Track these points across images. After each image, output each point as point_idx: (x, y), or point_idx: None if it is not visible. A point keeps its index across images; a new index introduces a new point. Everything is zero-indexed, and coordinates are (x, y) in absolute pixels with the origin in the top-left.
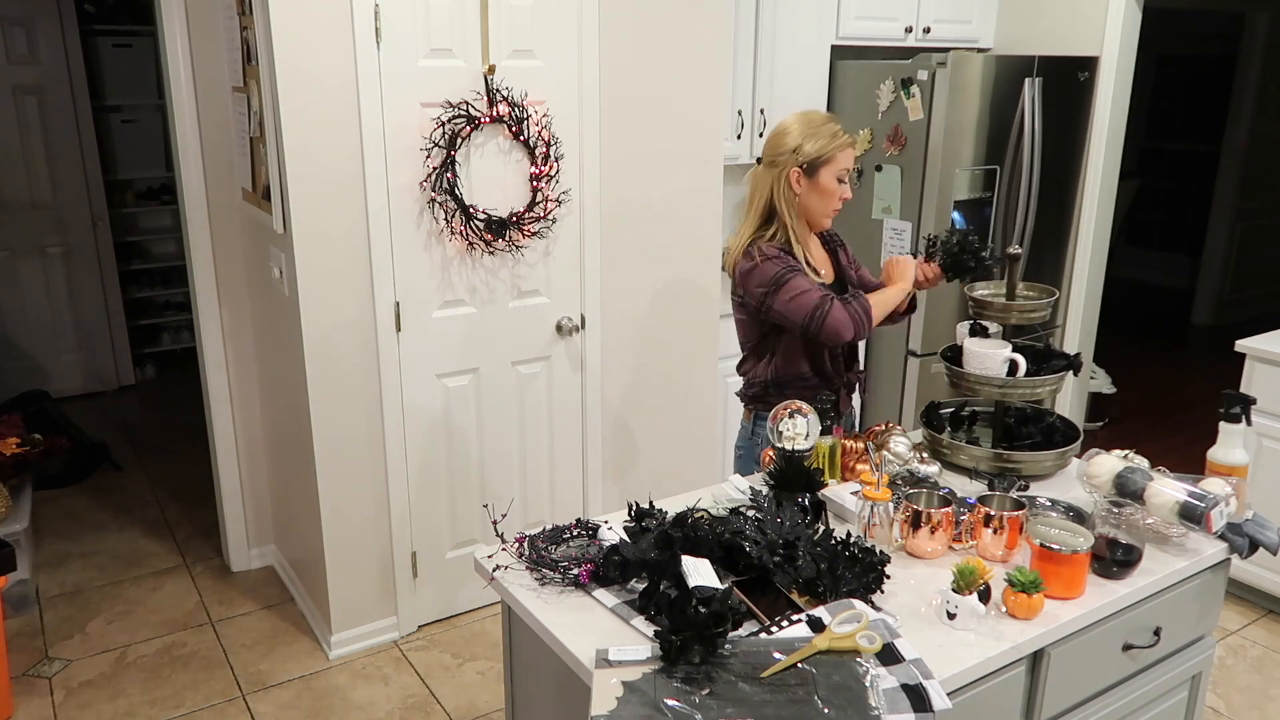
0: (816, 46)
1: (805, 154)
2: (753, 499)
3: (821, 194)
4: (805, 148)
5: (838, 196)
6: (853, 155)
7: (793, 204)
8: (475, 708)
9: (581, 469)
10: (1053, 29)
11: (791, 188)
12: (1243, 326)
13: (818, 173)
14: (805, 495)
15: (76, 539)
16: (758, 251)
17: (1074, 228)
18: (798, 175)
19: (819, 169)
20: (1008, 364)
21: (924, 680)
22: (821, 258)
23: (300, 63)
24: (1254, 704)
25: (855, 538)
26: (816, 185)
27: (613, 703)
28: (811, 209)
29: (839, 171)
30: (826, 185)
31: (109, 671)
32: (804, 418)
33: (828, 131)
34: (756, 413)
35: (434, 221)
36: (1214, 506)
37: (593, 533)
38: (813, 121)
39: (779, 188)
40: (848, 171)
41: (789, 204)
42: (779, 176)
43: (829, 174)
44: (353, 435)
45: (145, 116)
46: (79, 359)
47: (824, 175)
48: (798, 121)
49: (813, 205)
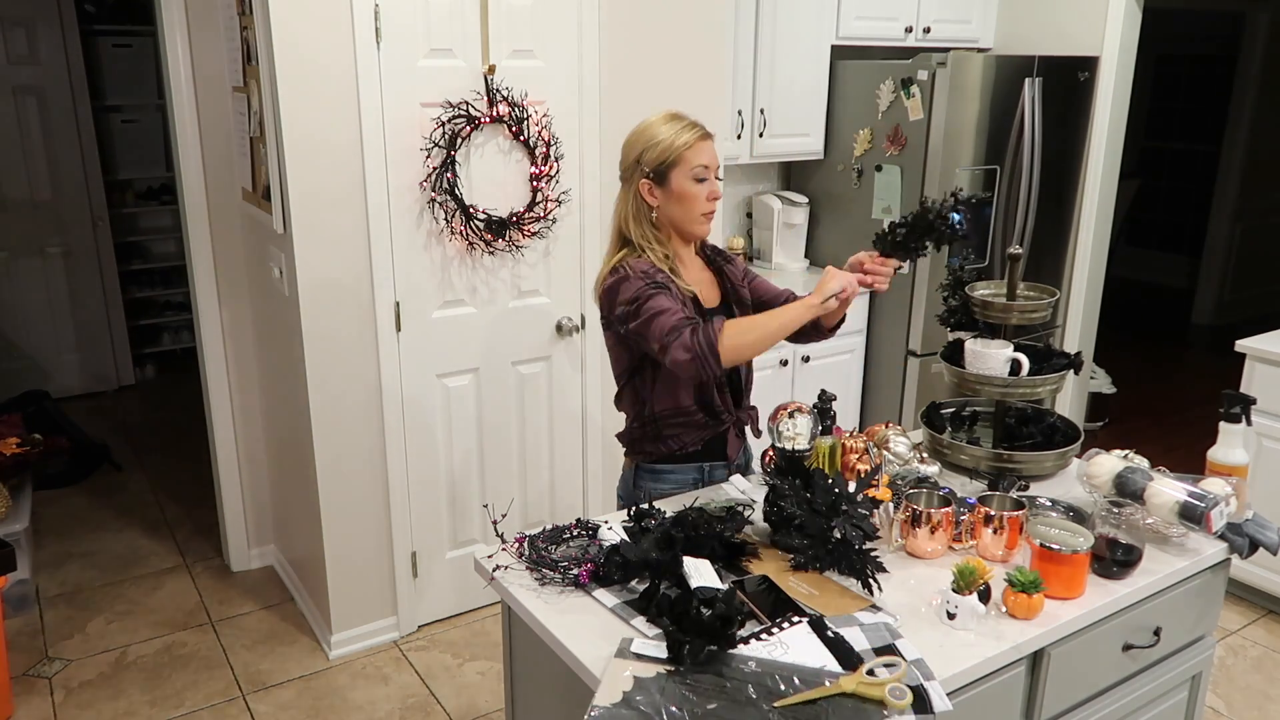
0: (816, 46)
1: (649, 162)
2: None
3: (680, 200)
4: (647, 155)
5: (702, 198)
6: (707, 149)
7: (650, 219)
8: (475, 708)
9: (581, 469)
10: (1053, 29)
11: (646, 202)
12: (1243, 326)
13: (668, 179)
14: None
15: (76, 539)
16: (625, 267)
17: (1074, 228)
18: (649, 187)
19: (668, 174)
20: (1010, 363)
21: (925, 681)
22: (703, 279)
23: (300, 62)
24: (1254, 704)
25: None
26: (671, 192)
27: (617, 695)
28: (677, 219)
29: (693, 170)
30: (682, 189)
31: (109, 671)
32: (804, 417)
33: (669, 131)
34: (639, 463)
35: (434, 221)
36: (1214, 506)
37: (593, 533)
38: (652, 125)
39: (635, 205)
40: (706, 168)
41: (648, 221)
42: (631, 194)
43: (681, 177)
44: (353, 435)
45: (145, 116)
46: (79, 359)
47: (676, 179)
48: (639, 130)
49: (676, 215)
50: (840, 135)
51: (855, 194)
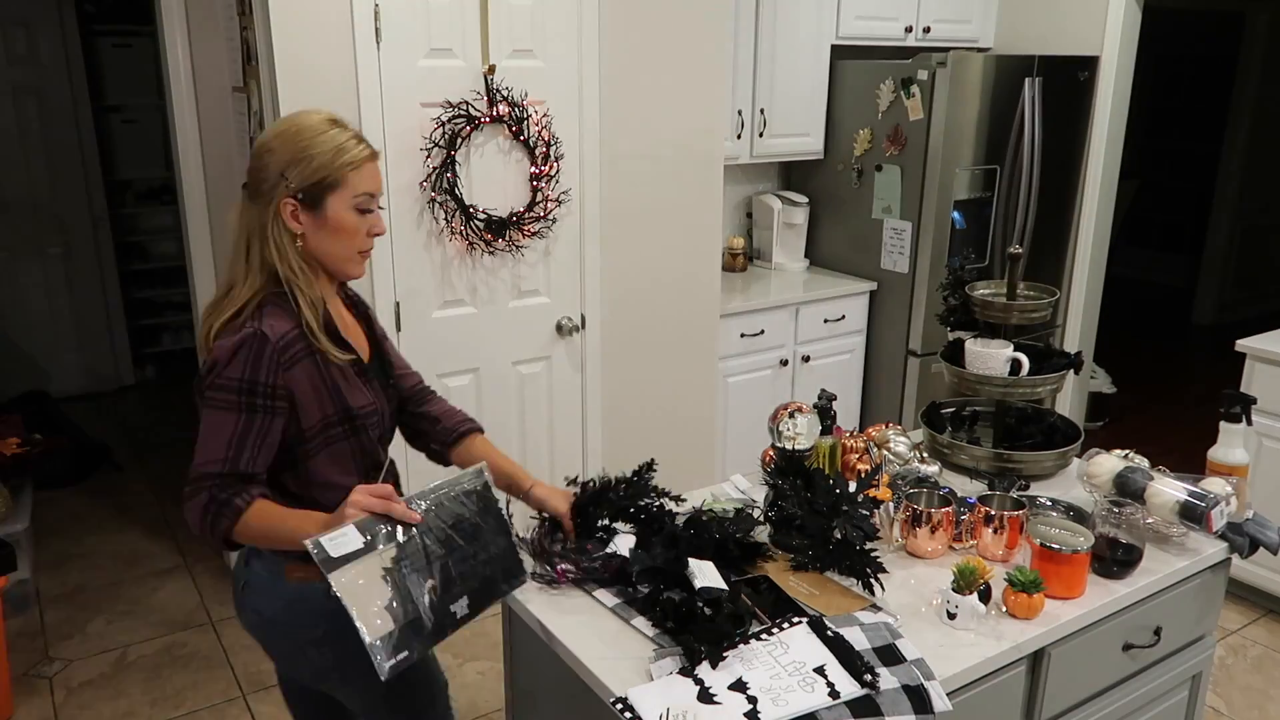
0: (816, 46)
1: (299, 178)
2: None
3: (335, 233)
4: (297, 170)
5: (363, 233)
6: (374, 173)
7: (291, 250)
8: (475, 708)
9: (582, 469)
10: (1053, 29)
11: (287, 228)
12: (1243, 326)
13: (323, 203)
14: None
15: (76, 539)
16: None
17: (1074, 228)
18: (293, 209)
19: (323, 198)
20: (1010, 363)
21: (925, 681)
22: (351, 326)
23: (300, 63)
24: (1254, 704)
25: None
26: (325, 221)
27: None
28: (327, 254)
29: (357, 199)
30: (340, 221)
31: (109, 671)
32: (804, 417)
33: (331, 141)
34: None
35: (434, 221)
36: (1214, 506)
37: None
38: (304, 130)
39: (272, 230)
40: (372, 196)
41: (296, 252)
42: (269, 214)
43: (341, 205)
44: None
45: (145, 116)
46: (79, 359)
47: (334, 206)
48: (286, 133)
49: (327, 249)
50: (840, 135)
51: (855, 194)
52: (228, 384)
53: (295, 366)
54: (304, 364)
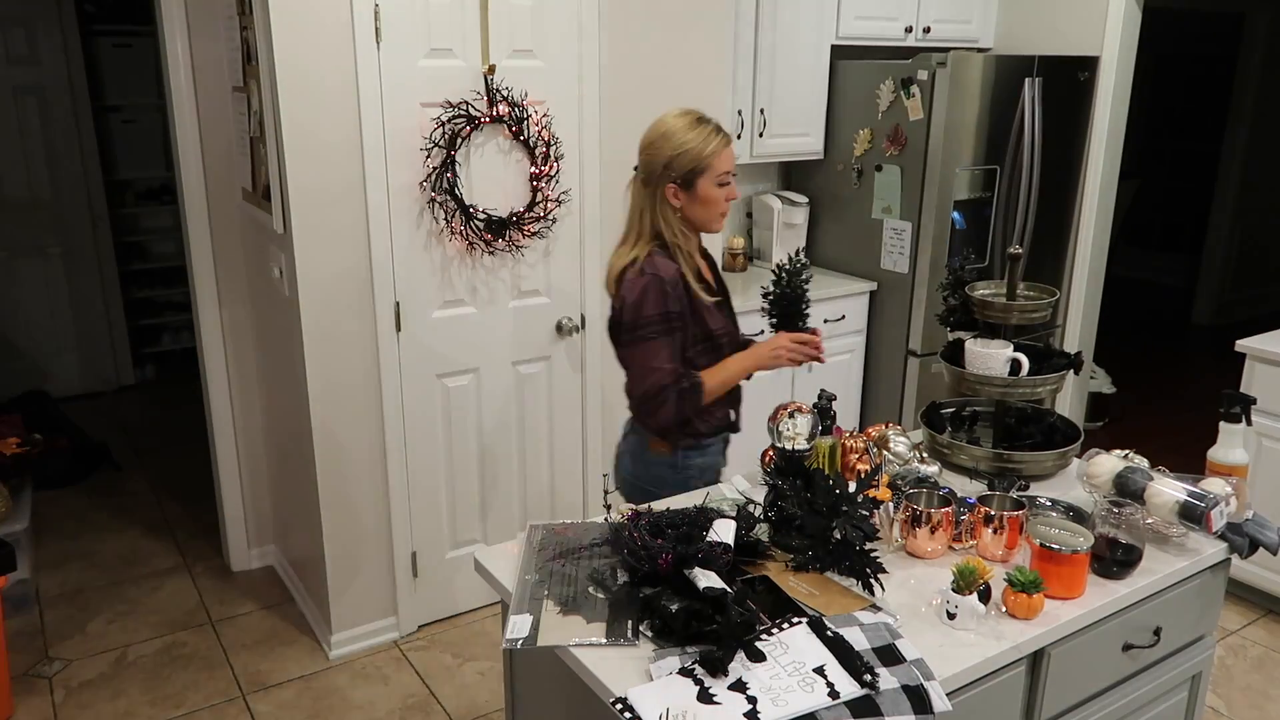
0: (816, 46)
1: (677, 168)
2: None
3: (704, 203)
4: (676, 162)
5: (723, 200)
6: (730, 155)
7: (674, 219)
8: (475, 708)
9: (582, 469)
10: (1053, 29)
11: (670, 204)
12: (1243, 326)
13: (695, 184)
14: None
15: (76, 539)
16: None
17: (1074, 228)
18: (674, 191)
19: (695, 180)
20: (1010, 363)
21: (925, 681)
22: (705, 269)
23: (300, 63)
24: (1254, 704)
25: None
26: (696, 196)
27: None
28: (698, 219)
29: (719, 177)
30: (707, 194)
31: (109, 671)
32: (804, 417)
33: (696, 138)
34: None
35: (434, 221)
36: (1214, 506)
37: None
38: (677, 130)
39: (658, 206)
40: (730, 174)
41: (670, 220)
42: (656, 195)
43: (708, 184)
44: (353, 435)
45: (145, 116)
46: (79, 359)
47: (703, 186)
48: (663, 133)
49: (698, 215)
50: (840, 135)
51: (855, 194)
52: (652, 319)
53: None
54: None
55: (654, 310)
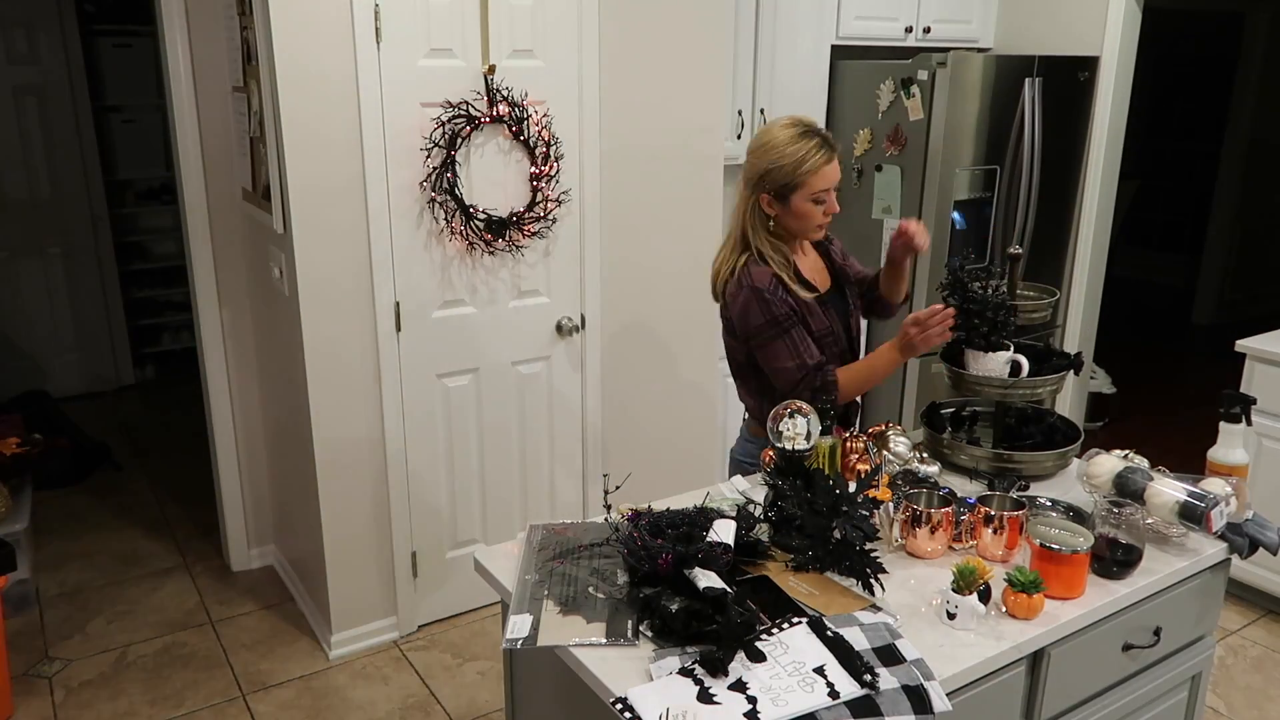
0: (816, 46)
1: (771, 181)
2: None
3: (798, 217)
4: (772, 175)
5: (819, 215)
6: (830, 173)
7: (768, 227)
8: (475, 708)
9: (581, 469)
10: (1053, 29)
11: (764, 211)
12: (1243, 326)
13: (789, 199)
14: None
15: (76, 539)
16: (748, 279)
17: (1074, 228)
18: (768, 200)
19: (789, 195)
20: (1010, 364)
21: (925, 681)
22: (813, 265)
23: (300, 63)
24: (1254, 704)
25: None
26: (790, 210)
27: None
28: (792, 230)
29: (813, 194)
30: (800, 209)
31: (109, 671)
32: (804, 417)
33: (795, 155)
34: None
35: (434, 221)
36: (1214, 506)
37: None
38: (779, 141)
39: (755, 214)
40: (827, 191)
41: (765, 229)
42: (752, 203)
43: (801, 199)
44: (353, 435)
45: (145, 116)
46: (79, 359)
47: (796, 201)
48: (768, 142)
49: (793, 226)
50: (840, 135)
51: (855, 194)
52: (761, 328)
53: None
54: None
55: (760, 320)
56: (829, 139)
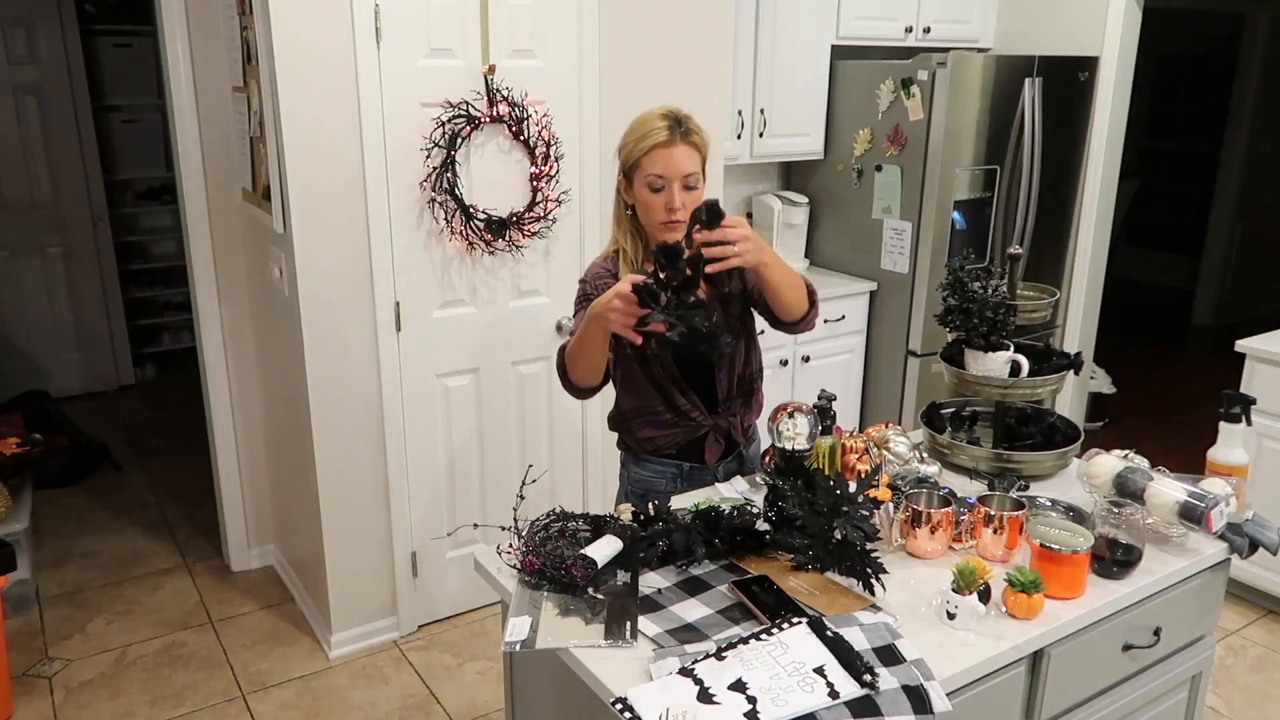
0: (816, 46)
1: (623, 161)
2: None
3: (642, 207)
4: (621, 153)
5: (659, 207)
6: (670, 158)
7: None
8: (475, 708)
9: (581, 469)
10: (1053, 29)
11: (623, 199)
12: (1243, 326)
13: (633, 182)
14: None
15: (76, 539)
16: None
17: (1074, 228)
18: (624, 186)
19: (633, 177)
20: (1010, 364)
21: (924, 681)
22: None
23: (300, 62)
24: (1254, 704)
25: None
26: (634, 196)
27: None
28: (644, 223)
29: (647, 179)
30: (641, 197)
31: (109, 671)
32: (804, 417)
33: (639, 130)
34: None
35: (434, 221)
36: (1214, 506)
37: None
38: (635, 121)
39: (616, 201)
40: (661, 177)
41: (626, 219)
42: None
43: (638, 182)
44: (353, 435)
45: (145, 116)
46: (79, 359)
47: (637, 185)
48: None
49: (643, 219)
50: (840, 135)
51: (855, 194)
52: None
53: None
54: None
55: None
56: (687, 127)
